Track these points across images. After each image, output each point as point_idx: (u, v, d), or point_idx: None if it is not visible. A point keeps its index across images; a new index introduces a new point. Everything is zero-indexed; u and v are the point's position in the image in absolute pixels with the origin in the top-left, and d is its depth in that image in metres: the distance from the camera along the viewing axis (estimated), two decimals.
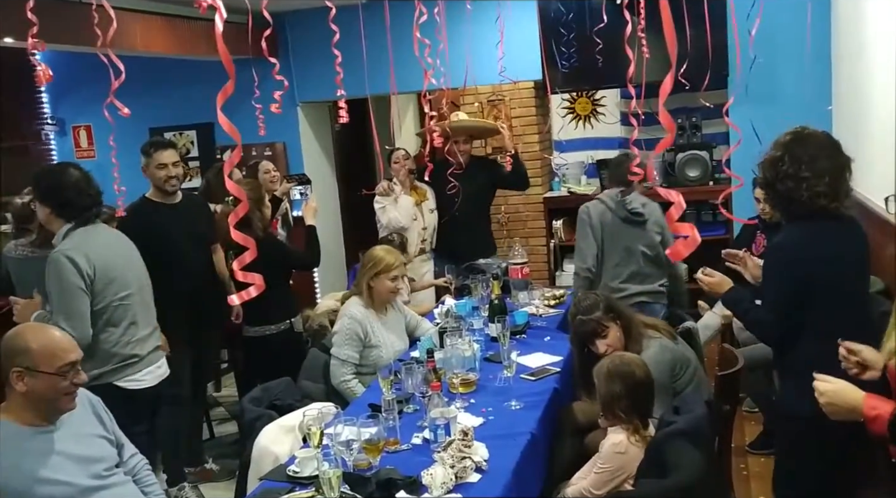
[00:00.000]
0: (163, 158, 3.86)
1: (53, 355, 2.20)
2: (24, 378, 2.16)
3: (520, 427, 2.77)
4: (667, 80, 1.46)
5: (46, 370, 2.18)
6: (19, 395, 2.18)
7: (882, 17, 3.47)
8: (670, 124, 1.49)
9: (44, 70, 2.10)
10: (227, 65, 1.46)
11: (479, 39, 4.70)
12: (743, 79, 4.30)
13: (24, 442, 2.16)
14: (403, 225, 4.81)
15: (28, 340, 2.20)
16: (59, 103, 6.99)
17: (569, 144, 6.42)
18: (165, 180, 3.86)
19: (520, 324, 3.85)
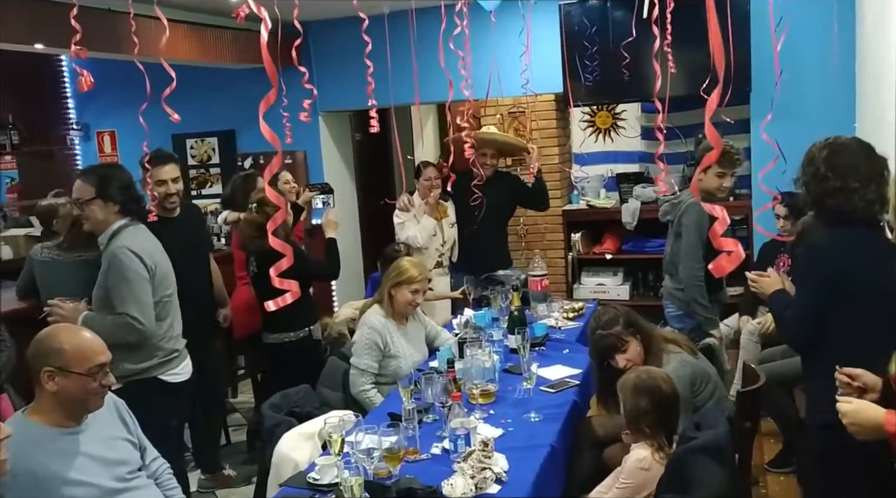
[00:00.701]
0: (162, 174, 3.69)
1: (85, 357, 2.23)
2: (55, 378, 2.20)
3: (539, 439, 2.77)
4: (713, 96, 1.47)
5: (77, 371, 2.21)
6: (49, 395, 2.21)
7: None
8: (717, 140, 1.50)
9: (85, 77, 2.13)
10: (270, 74, 1.48)
11: (503, 51, 4.72)
12: (766, 95, 4.30)
13: (51, 443, 2.18)
14: (421, 245, 4.78)
15: (61, 340, 2.23)
16: (85, 109, 7.09)
17: (588, 158, 6.42)
18: (164, 197, 3.70)
19: (539, 336, 3.85)
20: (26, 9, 4.24)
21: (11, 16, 4.17)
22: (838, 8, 4.39)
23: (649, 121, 6.22)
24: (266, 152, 6.60)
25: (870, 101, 4.51)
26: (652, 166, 6.19)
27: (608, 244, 5.96)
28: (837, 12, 4.16)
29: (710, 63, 3.74)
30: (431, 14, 3.61)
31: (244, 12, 1.72)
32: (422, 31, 3.53)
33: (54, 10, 4.34)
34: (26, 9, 4.24)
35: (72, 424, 2.27)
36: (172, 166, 3.77)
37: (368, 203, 7.25)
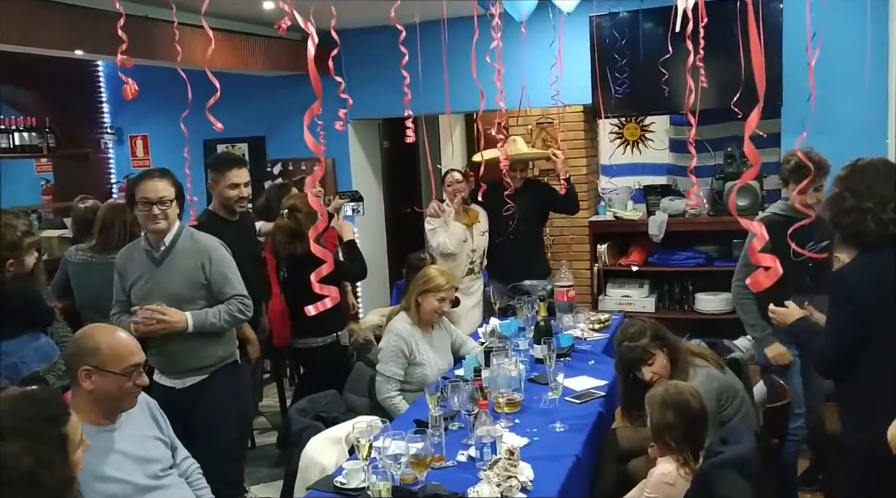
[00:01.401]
0: (235, 178, 3.77)
1: (121, 357, 2.29)
2: (92, 376, 2.26)
3: (564, 449, 2.78)
4: (753, 115, 1.48)
5: (113, 370, 2.27)
6: (86, 393, 2.27)
7: None
8: (755, 157, 1.51)
9: (130, 85, 2.18)
10: (315, 85, 1.51)
11: (532, 62, 4.74)
12: (798, 109, 4.27)
13: (88, 438, 2.23)
14: (452, 251, 4.81)
15: (98, 340, 2.30)
16: (118, 113, 7.22)
17: (616, 169, 6.41)
18: (236, 201, 3.80)
19: (564, 347, 3.86)
20: (68, 16, 4.34)
21: (53, 23, 4.28)
22: (872, 24, 4.37)
23: (678, 133, 6.20)
24: (296, 159, 6.68)
25: None
26: (680, 179, 6.17)
27: (634, 256, 5.94)
28: (871, 28, 4.14)
29: (741, 76, 3.74)
30: (462, 23, 3.65)
31: (286, 24, 1.76)
32: (452, 40, 3.57)
33: (94, 18, 4.45)
34: (68, 16, 4.34)
35: (107, 422, 2.32)
36: (245, 170, 3.86)
37: (395, 210, 7.31)
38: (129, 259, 3.27)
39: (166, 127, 6.84)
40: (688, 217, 5.71)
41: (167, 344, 3.20)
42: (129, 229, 4.13)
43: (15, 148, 6.34)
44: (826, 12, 3.14)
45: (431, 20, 3.48)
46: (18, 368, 3.17)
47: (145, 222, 3.19)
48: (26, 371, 3.13)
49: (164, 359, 3.26)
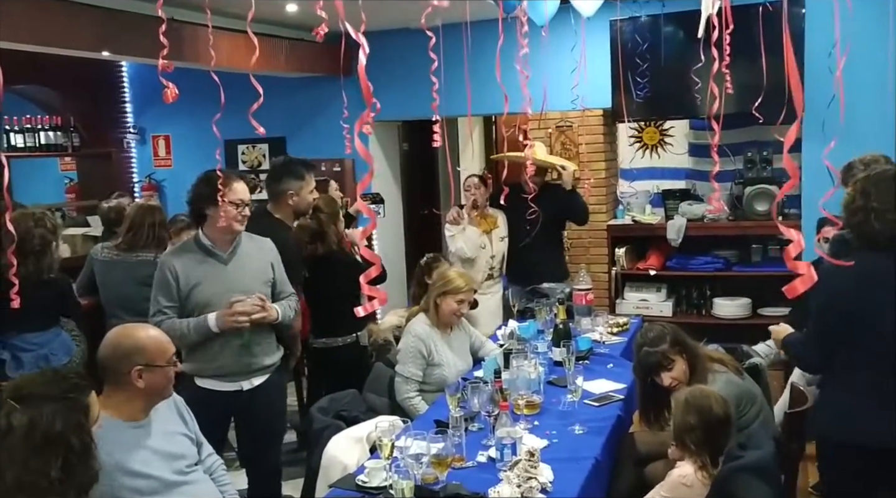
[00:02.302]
0: (313, 182, 3.85)
1: (164, 349, 2.42)
2: (143, 374, 2.34)
3: (584, 452, 2.80)
4: (791, 131, 1.50)
5: (161, 364, 2.38)
6: (136, 391, 2.35)
7: None
8: (794, 169, 1.52)
9: (171, 89, 2.22)
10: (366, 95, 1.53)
11: (553, 65, 4.76)
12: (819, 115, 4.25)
13: (118, 435, 2.28)
14: (469, 256, 4.84)
15: (140, 339, 2.39)
16: (142, 113, 7.30)
17: (635, 173, 6.41)
18: (307, 206, 3.88)
19: (583, 349, 3.87)
20: (95, 18, 4.40)
21: (82, 25, 4.34)
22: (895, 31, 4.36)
23: (697, 138, 6.19)
24: (316, 159, 6.71)
25: None
26: (699, 183, 6.17)
27: (652, 260, 5.93)
28: (894, 35, 4.13)
29: (763, 81, 3.74)
30: (484, 26, 3.67)
31: (324, 30, 1.79)
32: (474, 42, 3.59)
33: (121, 19, 4.52)
34: (95, 18, 4.40)
35: (139, 418, 2.39)
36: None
37: (413, 212, 7.34)
38: (183, 262, 3.17)
39: (189, 127, 6.92)
40: (706, 222, 5.70)
41: (249, 343, 3.21)
42: (157, 231, 4.20)
43: (40, 147, 6.42)
44: (850, 20, 3.13)
45: (454, 23, 3.51)
46: (49, 359, 3.24)
47: (229, 223, 3.14)
48: (56, 363, 3.20)
49: (235, 360, 3.21)
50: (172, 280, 3.14)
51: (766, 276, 5.43)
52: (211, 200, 3.10)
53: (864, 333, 2.48)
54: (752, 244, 5.85)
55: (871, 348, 2.48)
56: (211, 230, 3.21)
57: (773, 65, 3.91)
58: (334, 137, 6.35)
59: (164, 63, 2.08)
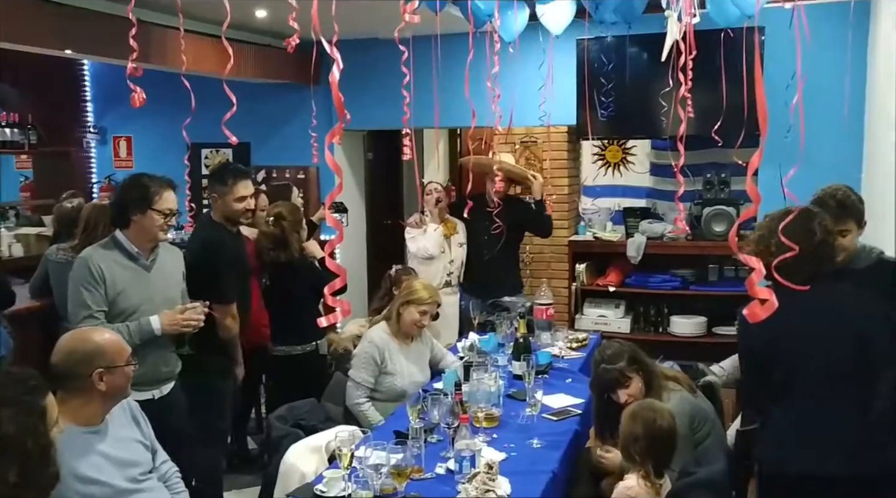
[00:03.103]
0: (244, 190, 3.66)
1: (122, 348, 2.42)
2: (104, 377, 2.32)
3: (541, 465, 2.82)
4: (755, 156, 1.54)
5: (121, 364, 2.37)
6: (97, 394, 2.33)
7: None
8: (757, 196, 1.56)
9: (139, 93, 2.20)
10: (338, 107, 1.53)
11: (520, 82, 4.82)
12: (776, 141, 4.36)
13: (72, 440, 2.24)
14: (432, 254, 4.89)
15: (97, 342, 2.36)
16: (103, 113, 7.18)
17: (597, 190, 6.51)
18: (241, 213, 3.69)
19: (542, 364, 3.91)
20: (59, 16, 4.33)
21: (45, 23, 4.27)
22: (852, 61, 4.51)
23: (659, 157, 6.31)
24: (280, 166, 6.69)
25: (879, 152, 4.61)
26: (659, 202, 6.28)
27: (612, 277, 6.02)
28: (851, 65, 4.27)
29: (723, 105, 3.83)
30: (455, 40, 3.71)
31: (295, 41, 1.80)
32: (444, 56, 3.62)
33: (85, 18, 4.45)
34: (59, 16, 4.33)
35: (95, 422, 2.35)
36: (250, 182, 3.76)
37: (377, 222, 7.33)
38: (108, 265, 3.08)
39: (151, 129, 6.82)
40: (666, 240, 5.81)
41: (157, 351, 3.18)
42: (112, 231, 4.12)
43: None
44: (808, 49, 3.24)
45: (424, 35, 3.54)
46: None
47: (156, 232, 3.13)
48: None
49: (149, 368, 3.16)
50: (100, 282, 3.04)
51: (721, 295, 5.56)
52: (139, 207, 3.09)
53: (791, 366, 2.48)
54: (709, 264, 5.97)
55: (803, 382, 2.47)
56: (135, 236, 3.15)
57: (733, 90, 4.04)
58: (300, 145, 6.33)
59: (132, 67, 2.05)
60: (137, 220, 3.11)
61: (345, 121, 1.98)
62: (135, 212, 3.10)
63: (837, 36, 4.38)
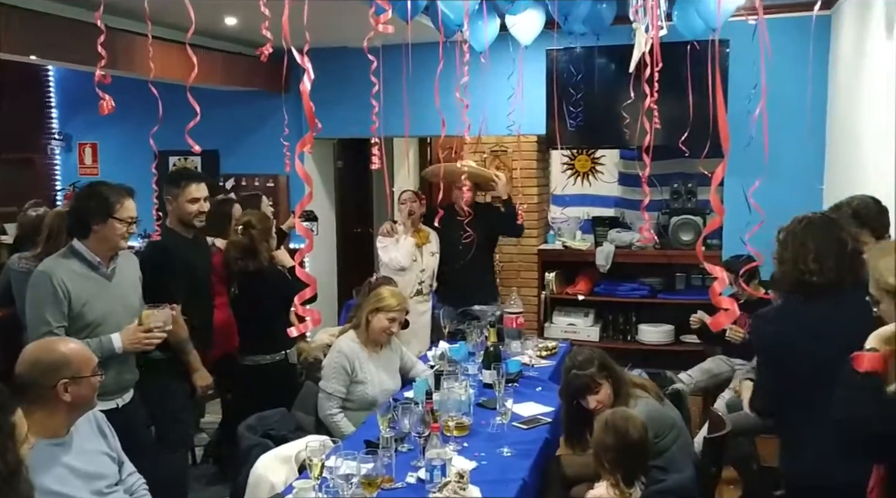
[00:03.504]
0: (196, 192, 3.69)
1: (89, 359, 2.37)
2: (69, 387, 2.28)
3: (512, 474, 2.83)
4: (718, 170, 1.57)
5: (87, 374, 2.32)
6: (63, 406, 2.28)
7: (877, 106, 3.64)
8: (720, 208, 1.59)
9: (108, 101, 2.17)
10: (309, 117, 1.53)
11: (491, 91, 4.85)
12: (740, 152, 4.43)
13: (37, 452, 2.20)
14: (403, 265, 4.89)
15: (62, 352, 2.31)
16: (68, 120, 7.08)
17: (566, 200, 6.56)
18: (195, 216, 3.70)
19: (512, 372, 3.92)
20: (27, 21, 4.27)
21: (11, 27, 4.20)
22: (813, 75, 4.61)
23: (627, 167, 6.39)
24: (249, 174, 6.65)
25: (839, 163, 4.72)
26: (628, 211, 6.35)
27: (581, 285, 6.07)
28: (812, 79, 4.36)
29: (689, 116, 3.89)
30: (425, 49, 3.73)
31: (268, 50, 1.80)
32: (415, 65, 3.64)
33: (52, 24, 4.39)
34: (27, 21, 4.27)
35: (60, 434, 2.31)
36: (204, 185, 3.77)
37: (347, 230, 7.32)
38: (70, 277, 3.02)
39: (117, 136, 6.75)
40: (634, 249, 5.87)
41: (122, 357, 3.15)
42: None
43: None
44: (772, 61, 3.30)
45: (394, 44, 3.55)
46: None
47: (118, 240, 3.11)
48: None
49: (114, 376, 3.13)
50: (63, 296, 2.97)
51: (688, 303, 5.62)
52: (100, 216, 3.07)
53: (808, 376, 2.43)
54: (677, 272, 6.05)
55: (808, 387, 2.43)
56: (96, 245, 3.11)
57: (699, 101, 4.10)
58: (269, 153, 6.30)
59: (101, 74, 2.03)
60: (99, 230, 3.08)
61: (316, 129, 1.98)
62: (96, 221, 3.07)
63: (799, 49, 4.48)
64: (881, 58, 3.61)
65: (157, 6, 3.30)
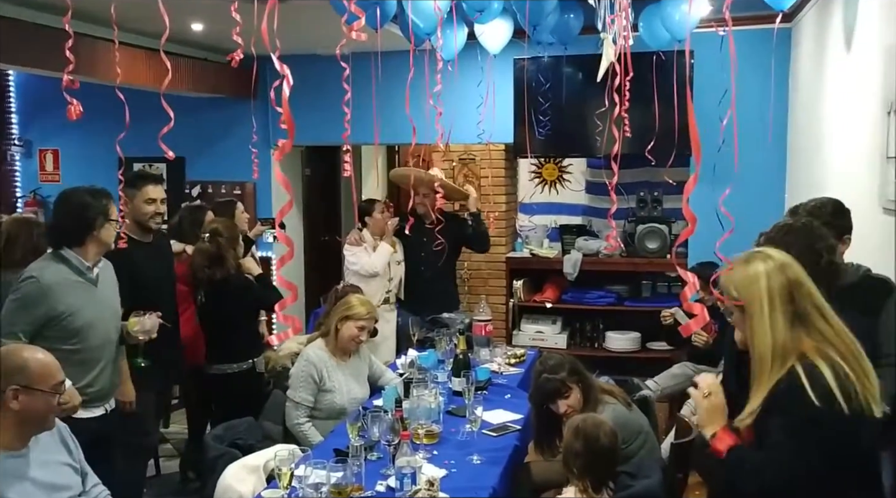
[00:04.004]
0: (152, 193, 3.69)
1: (50, 374, 2.26)
2: (19, 396, 2.19)
3: (482, 481, 2.83)
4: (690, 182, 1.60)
5: (42, 388, 2.22)
6: (11, 414, 2.19)
7: (837, 116, 3.73)
8: (693, 218, 1.61)
9: (75, 106, 2.14)
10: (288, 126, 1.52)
11: (459, 99, 4.87)
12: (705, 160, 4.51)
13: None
14: (378, 270, 4.87)
15: (25, 358, 2.24)
16: (29, 125, 6.95)
17: (534, 208, 6.61)
18: (151, 217, 3.70)
19: (482, 380, 3.92)
20: None
21: None
22: (775, 85, 4.70)
23: (594, 176, 6.45)
24: (216, 181, 6.59)
25: (801, 173, 4.82)
26: (595, 220, 6.41)
27: (549, 293, 6.10)
28: (774, 89, 4.45)
29: (656, 126, 3.94)
30: (394, 57, 3.73)
31: (239, 56, 1.78)
32: (384, 72, 3.64)
33: (14, 28, 4.31)
34: None
35: (17, 447, 2.24)
36: (161, 187, 3.79)
37: (314, 238, 7.28)
38: (60, 283, 2.98)
39: (79, 142, 6.64)
40: (601, 257, 5.92)
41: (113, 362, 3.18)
42: (35, 244, 3.95)
43: None
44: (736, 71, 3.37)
45: (363, 51, 3.55)
46: None
47: (111, 241, 3.11)
48: None
49: (106, 381, 3.15)
50: (50, 307, 2.94)
51: (655, 311, 5.68)
52: (104, 219, 3.07)
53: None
54: (643, 280, 6.12)
55: None
56: (93, 250, 3.09)
57: (665, 111, 4.17)
58: (236, 160, 6.25)
59: (68, 79, 2.00)
60: (98, 234, 3.08)
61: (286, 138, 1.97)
62: (101, 224, 3.08)
63: (762, 61, 4.56)
64: (839, 70, 3.70)
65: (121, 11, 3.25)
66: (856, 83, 3.31)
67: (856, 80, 3.31)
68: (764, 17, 4.84)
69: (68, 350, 2.94)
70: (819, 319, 1.92)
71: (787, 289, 1.93)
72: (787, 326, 1.90)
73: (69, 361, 2.92)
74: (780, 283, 1.93)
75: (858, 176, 3.14)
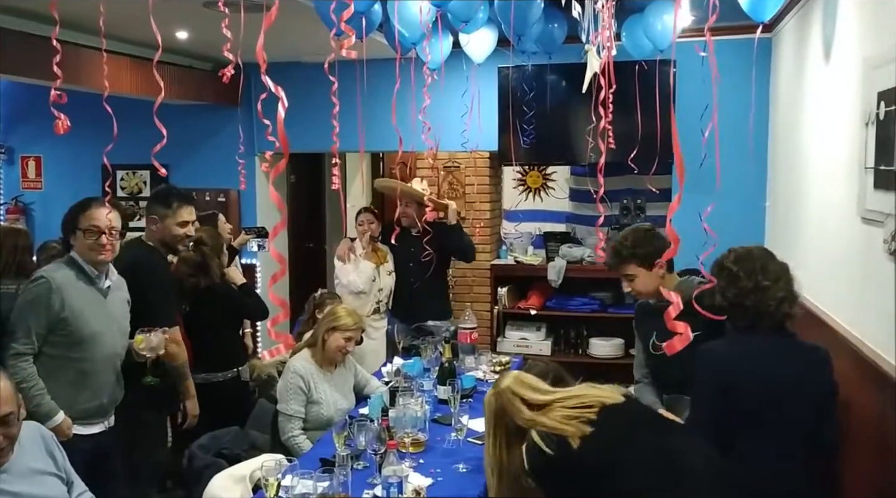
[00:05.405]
0: (187, 216, 3.58)
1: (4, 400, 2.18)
2: None
3: (468, 490, 2.84)
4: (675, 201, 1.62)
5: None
6: None
7: (816, 127, 3.78)
8: (676, 238, 1.63)
9: (63, 120, 2.13)
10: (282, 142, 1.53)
11: (444, 107, 4.89)
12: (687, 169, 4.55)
13: None
14: (362, 289, 4.87)
15: None
16: (10, 132, 6.90)
17: (518, 215, 6.64)
18: (181, 239, 3.60)
19: (467, 388, 3.93)
20: None
21: None
22: (757, 95, 4.76)
23: (578, 183, 6.49)
24: (200, 189, 6.55)
25: (781, 182, 4.88)
26: (578, 227, 6.45)
27: (533, 300, 6.13)
28: (755, 99, 4.51)
29: (639, 134, 3.98)
30: (379, 65, 3.75)
31: (230, 72, 1.79)
32: (369, 80, 3.65)
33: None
34: None
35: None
36: (193, 208, 3.68)
37: (298, 246, 7.27)
38: (67, 291, 2.98)
39: (62, 149, 6.59)
40: (585, 264, 5.96)
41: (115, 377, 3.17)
42: (18, 257, 3.93)
43: None
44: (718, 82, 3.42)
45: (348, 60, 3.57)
46: None
47: (88, 252, 3.05)
48: None
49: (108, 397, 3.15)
50: (57, 307, 2.94)
51: None
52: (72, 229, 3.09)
53: (760, 416, 2.46)
54: None
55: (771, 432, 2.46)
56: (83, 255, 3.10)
57: (647, 119, 4.21)
58: (220, 168, 6.23)
59: (55, 94, 2.00)
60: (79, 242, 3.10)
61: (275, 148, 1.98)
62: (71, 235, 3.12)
63: (742, 71, 4.62)
64: (818, 81, 3.76)
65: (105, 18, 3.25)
66: (835, 94, 3.36)
67: (834, 91, 3.36)
68: (745, 27, 4.90)
69: (73, 359, 2.98)
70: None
71: None
72: None
73: (73, 370, 2.97)
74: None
75: (837, 186, 3.19)
